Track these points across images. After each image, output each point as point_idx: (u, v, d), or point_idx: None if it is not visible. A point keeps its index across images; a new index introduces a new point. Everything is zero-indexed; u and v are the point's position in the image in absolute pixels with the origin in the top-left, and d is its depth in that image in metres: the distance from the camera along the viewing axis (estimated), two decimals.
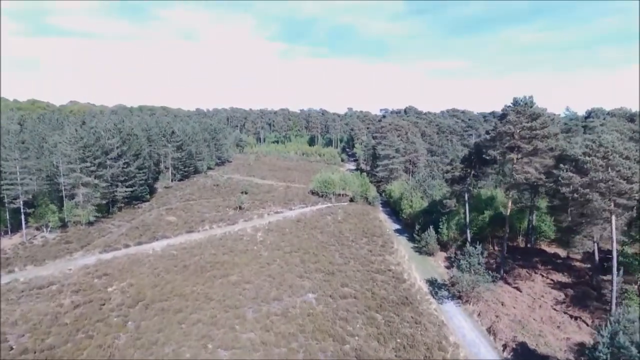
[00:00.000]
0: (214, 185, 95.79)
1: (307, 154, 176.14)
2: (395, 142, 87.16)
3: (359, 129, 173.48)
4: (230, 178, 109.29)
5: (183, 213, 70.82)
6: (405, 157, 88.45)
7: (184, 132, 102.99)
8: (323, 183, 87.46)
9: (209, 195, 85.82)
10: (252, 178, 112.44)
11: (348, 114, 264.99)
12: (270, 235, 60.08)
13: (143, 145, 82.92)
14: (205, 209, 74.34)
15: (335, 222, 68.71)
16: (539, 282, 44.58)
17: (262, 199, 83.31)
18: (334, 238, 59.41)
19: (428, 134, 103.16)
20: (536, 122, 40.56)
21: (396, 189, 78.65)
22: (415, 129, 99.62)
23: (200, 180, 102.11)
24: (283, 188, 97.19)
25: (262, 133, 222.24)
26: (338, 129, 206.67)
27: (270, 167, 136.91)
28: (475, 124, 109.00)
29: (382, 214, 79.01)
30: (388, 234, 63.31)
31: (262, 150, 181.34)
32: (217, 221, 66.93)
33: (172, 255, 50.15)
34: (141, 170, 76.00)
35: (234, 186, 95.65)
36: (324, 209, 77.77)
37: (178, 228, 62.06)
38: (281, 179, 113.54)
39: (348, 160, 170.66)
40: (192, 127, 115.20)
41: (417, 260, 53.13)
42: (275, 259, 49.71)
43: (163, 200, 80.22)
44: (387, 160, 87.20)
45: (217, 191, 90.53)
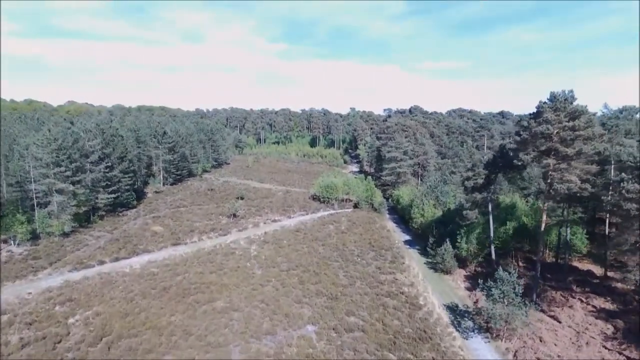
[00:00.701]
0: (208, 190, 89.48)
1: (309, 155, 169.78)
2: (403, 144, 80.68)
3: (362, 130, 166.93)
4: (227, 182, 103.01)
5: (171, 222, 64.44)
6: (414, 159, 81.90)
7: (176, 133, 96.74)
8: (325, 188, 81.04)
9: (201, 201, 79.45)
10: (249, 181, 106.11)
11: (351, 114, 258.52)
12: (266, 248, 53.63)
13: (129, 147, 76.66)
14: (196, 217, 67.96)
15: (338, 232, 62.22)
16: (579, 310, 37.93)
17: (259, 206, 76.90)
18: (338, 252, 52.91)
19: (437, 134, 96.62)
20: (579, 121, 33.97)
21: (405, 195, 72.11)
22: (424, 129, 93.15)
23: (194, 184, 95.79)
24: (282, 193, 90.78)
25: (262, 134, 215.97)
26: (340, 130, 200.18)
27: (270, 169, 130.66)
28: (487, 124, 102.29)
29: (390, 222, 72.45)
30: (397, 247, 56.74)
31: (262, 152, 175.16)
32: (207, 231, 60.52)
33: (151, 274, 43.73)
34: (127, 175, 69.74)
35: (229, 191, 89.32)
36: (326, 217, 71.31)
37: (163, 240, 55.66)
38: (281, 182, 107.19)
39: (351, 162, 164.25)
40: (186, 127, 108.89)
41: (432, 279, 46.56)
42: (270, 279, 43.26)
43: (151, 206, 73.88)
44: (394, 163, 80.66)
45: (210, 196, 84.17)
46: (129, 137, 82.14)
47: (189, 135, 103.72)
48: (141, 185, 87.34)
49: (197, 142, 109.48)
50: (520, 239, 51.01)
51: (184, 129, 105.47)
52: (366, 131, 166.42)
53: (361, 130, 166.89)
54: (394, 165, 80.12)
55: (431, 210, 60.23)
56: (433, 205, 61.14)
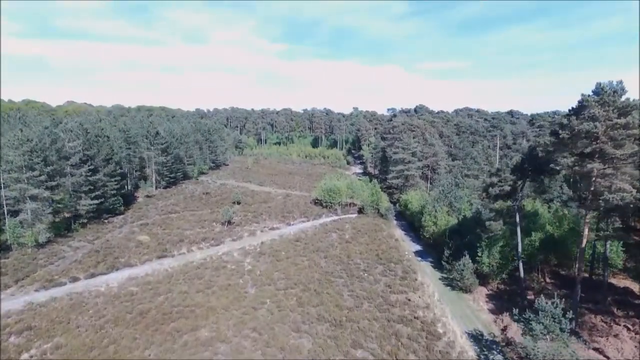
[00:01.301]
0: (203, 194, 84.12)
1: (311, 156, 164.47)
2: (411, 145, 75.04)
3: (366, 130, 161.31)
4: (224, 184, 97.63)
5: (159, 230, 59.06)
6: (423, 161, 76.25)
7: (170, 134, 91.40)
8: (327, 192, 75.51)
9: (195, 206, 74.06)
10: (248, 184, 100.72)
11: (354, 113, 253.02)
12: (262, 261, 48.16)
13: (118, 149, 71.41)
14: (188, 224, 62.56)
15: (342, 241, 56.68)
16: (627, 340, 32.21)
17: (256, 211, 71.45)
18: (341, 265, 47.37)
19: (446, 134, 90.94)
20: (632, 118, 28.28)
21: (414, 200, 66.46)
22: (432, 129, 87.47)
23: (188, 188, 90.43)
24: (282, 197, 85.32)
25: (263, 134, 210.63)
26: (343, 130, 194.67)
27: (270, 171, 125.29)
28: (500, 124, 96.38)
29: (398, 229, 66.80)
30: (408, 259, 51.14)
31: (263, 152, 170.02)
32: (198, 241, 55.09)
33: (129, 294, 38.31)
34: (113, 178, 64.42)
35: (226, 195, 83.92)
36: (328, 224, 65.78)
37: (148, 251, 50.28)
38: (281, 185, 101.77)
39: (354, 163, 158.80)
40: (181, 127, 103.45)
41: (450, 298, 40.92)
42: (265, 300, 37.77)
43: (140, 212, 68.54)
44: (401, 166, 75.01)
45: (205, 201, 78.80)
46: (118, 137, 76.92)
47: (185, 136, 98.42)
48: (132, 189, 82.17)
49: (193, 143, 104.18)
50: (547, 251, 45.27)
51: (179, 129, 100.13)
52: (370, 131, 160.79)
53: (365, 130, 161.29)
54: (401, 168, 74.46)
55: (444, 218, 54.58)
56: (446, 213, 55.48)
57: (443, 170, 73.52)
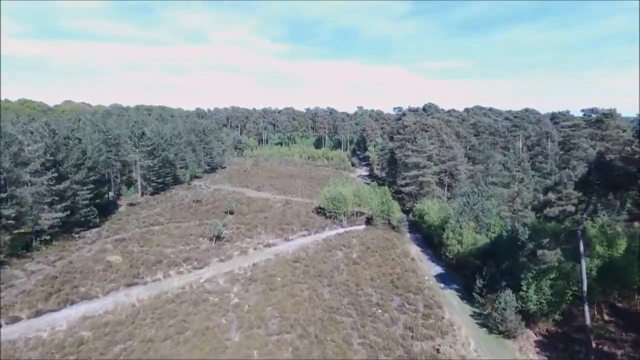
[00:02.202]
0: (193, 201, 75.59)
1: (313, 157, 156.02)
2: (426, 147, 66.15)
3: (372, 130, 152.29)
4: (218, 190, 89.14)
5: (136, 247, 50.65)
6: (439, 166, 67.35)
7: (158, 135, 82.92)
8: (331, 201, 66.80)
9: (182, 217, 65.60)
10: (245, 189, 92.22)
11: (358, 112, 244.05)
12: (252, 291, 39.57)
13: (93, 152, 63.08)
14: (170, 239, 54.10)
15: (348, 262, 48.04)
16: None
17: (251, 223, 62.86)
18: (349, 297, 38.70)
19: (462, 135, 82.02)
20: None
21: (432, 212, 57.58)
22: (448, 129, 78.56)
23: (178, 194, 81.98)
24: (281, 205, 76.71)
25: (264, 134, 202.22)
26: (347, 130, 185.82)
27: (270, 173, 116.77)
28: (523, 123, 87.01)
29: (412, 245, 58.03)
30: (429, 286, 42.41)
31: (264, 153, 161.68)
32: (179, 262, 46.60)
33: (76, 343, 29.82)
34: (85, 186, 56.09)
35: (219, 202, 75.45)
36: (332, 238, 57.13)
37: (116, 277, 41.84)
38: (281, 190, 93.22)
39: (359, 165, 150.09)
40: (172, 128, 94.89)
41: (489, 347, 32.10)
42: (252, 352, 29.18)
43: (119, 225, 60.15)
44: (415, 171, 66.10)
45: (195, 210, 70.31)
46: (97, 139, 68.64)
47: (175, 137, 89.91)
48: (114, 197, 73.95)
49: (185, 145, 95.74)
50: (607, 281, 36.39)
51: (169, 130, 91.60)
52: (376, 131, 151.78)
53: (371, 130, 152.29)
54: (415, 173, 65.53)
55: (471, 236, 45.74)
56: (473, 229, 46.62)
57: (464, 175, 64.65)
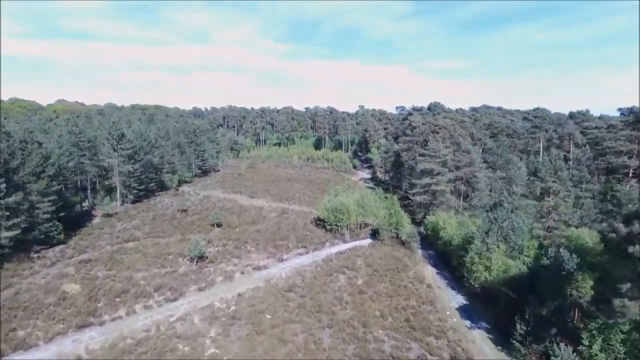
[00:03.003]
0: (178, 211, 67.74)
1: (313, 158, 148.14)
2: (440, 151, 58.24)
3: (374, 130, 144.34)
4: (208, 197, 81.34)
5: (102, 271, 42.83)
6: (454, 172, 59.42)
7: (140, 136, 74.95)
8: (333, 212, 58.98)
9: (163, 230, 57.80)
10: (237, 196, 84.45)
11: (360, 112, 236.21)
12: (234, 335, 31.72)
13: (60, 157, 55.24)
14: (144, 260, 46.28)
15: (353, 290, 40.22)
16: None
17: (240, 238, 55.04)
18: (355, 344, 30.83)
19: (477, 137, 74.01)
20: None
21: (449, 227, 49.71)
22: (462, 130, 70.48)
23: (163, 202, 74.14)
24: (276, 214, 68.91)
25: (262, 134, 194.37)
26: (349, 130, 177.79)
27: (266, 177, 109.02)
28: (544, 124, 78.70)
29: (426, 265, 50.22)
30: (453, 326, 34.56)
31: (261, 155, 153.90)
32: (149, 293, 38.72)
33: None
34: (47, 198, 48.28)
35: (207, 212, 67.66)
36: (333, 258, 49.36)
37: (68, 315, 33.98)
38: (277, 196, 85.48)
39: (361, 167, 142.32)
40: (157, 129, 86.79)
41: None
42: None
43: (88, 241, 52.34)
44: (428, 178, 58.12)
45: (178, 222, 62.47)
46: (67, 141, 60.78)
47: (161, 138, 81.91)
48: (89, 207, 66.16)
49: (173, 147, 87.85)
50: None
51: (154, 131, 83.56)
52: (379, 132, 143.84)
53: (373, 130, 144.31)
54: (428, 182, 57.56)
55: (502, 261, 37.88)
56: (504, 253, 38.72)
57: (483, 184, 56.64)
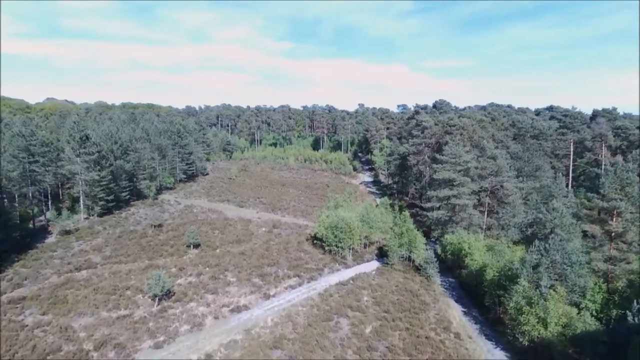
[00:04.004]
0: (151, 226, 57.78)
1: (310, 160, 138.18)
2: (461, 157, 48.34)
3: (376, 130, 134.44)
4: (190, 207, 71.37)
5: (35, 315, 32.94)
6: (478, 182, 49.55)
7: (110, 138, 64.75)
8: (332, 229, 49.17)
9: (128, 252, 47.82)
10: (224, 205, 74.67)
11: (359, 111, 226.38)
12: None
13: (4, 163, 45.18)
14: (94, 297, 36.36)
15: (360, 345, 30.40)
16: None
17: (220, 264, 45.17)
18: None
19: (498, 139, 63.95)
20: None
21: (477, 254, 39.85)
22: (483, 131, 60.23)
23: (136, 215, 64.00)
24: (266, 230, 59.06)
25: (258, 134, 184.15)
26: (348, 130, 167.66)
27: (259, 182, 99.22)
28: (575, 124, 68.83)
29: (449, 300, 40.37)
30: None
31: (256, 156, 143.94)
32: (85, 354, 28.84)
33: None
34: None
35: (184, 227, 57.74)
36: (333, 291, 39.57)
37: None
38: (269, 205, 75.78)
39: (362, 169, 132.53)
40: (132, 129, 76.32)
41: None
42: None
43: (32, 268, 42.37)
44: (447, 190, 48.21)
45: (149, 241, 52.51)
46: (14, 146, 50.68)
47: (136, 140, 71.64)
48: (46, 222, 56.18)
49: (153, 149, 77.70)
50: None
51: (128, 131, 73.22)
52: (382, 132, 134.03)
53: (375, 130, 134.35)
54: (447, 194, 47.60)
55: (561, 310, 28.08)
56: (563, 298, 28.93)
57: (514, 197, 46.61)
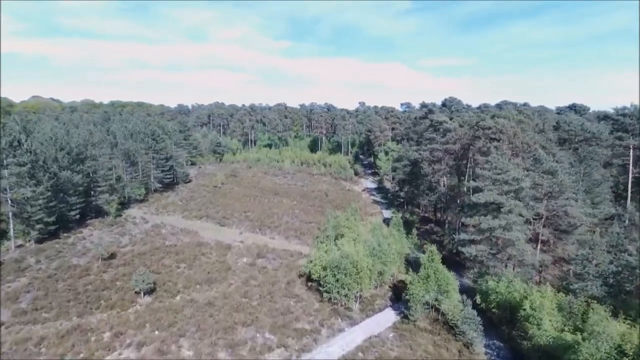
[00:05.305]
0: (99, 259, 44.59)
1: (308, 163, 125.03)
2: (509, 172, 35.25)
3: (381, 131, 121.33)
4: (159, 226, 58.24)
5: None
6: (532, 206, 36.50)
7: (54, 144, 51.40)
8: (333, 271, 36.11)
9: (52, 306, 34.72)
10: (202, 223, 61.74)
11: (361, 109, 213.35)
12: None
13: None
14: None
15: None
16: None
17: (174, 326, 32.10)
18: None
19: (538, 142, 50.72)
20: None
21: (546, 321, 26.86)
22: (522, 134, 47.20)
23: (89, 239, 50.78)
24: (248, 261, 45.98)
25: (252, 134, 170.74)
26: (349, 130, 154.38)
27: (248, 190, 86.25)
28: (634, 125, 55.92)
29: None
30: None
31: (249, 158, 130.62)
32: None
33: None
34: None
35: (144, 258, 44.67)
36: None
37: None
38: (256, 222, 62.91)
39: (364, 173, 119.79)
40: (89, 130, 62.50)
41: None
42: None
43: None
44: (489, 218, 34.92)
45: (90, 281, 39.35)
46: None
47: (93, 145, 58.02)
48: None
49: (119, 155, 64.44)
50: None
51: (84, 133, 59.57)
52: (387, 133, 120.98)
53: (379, 131, 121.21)
54: (492, 224, 34.27)
55: None
56: None
57: (583, 228, 33.61)
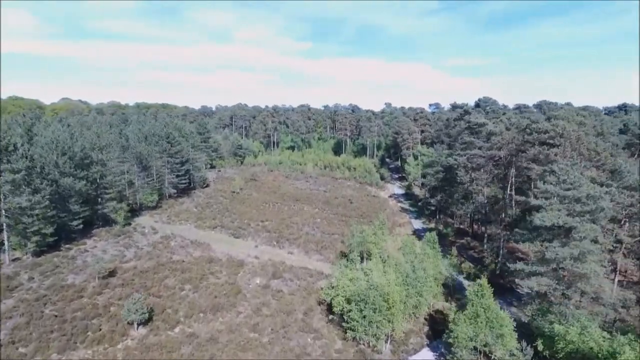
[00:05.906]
0: (97, 277, 39.97)
1: (331, 166, 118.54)
2: (581, 186, 27.80)
3: (409, 133, 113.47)
4: (169, 238, 53.56)
5: None
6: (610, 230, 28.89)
7: (56, 147, 47.47)
8: (359, 305, 29.72)
9: (31, 338, 30.10)
10: (216, 234, 56.80)
11: (387, 110, 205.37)
12: None
13: None
14: None
15: None
16: None
17: None
18: None
19: (590, 148, 42.69)
20: None
21: None
22: (584, 137, 39.36)
23: (91, 251, 46.53)
24: (262, 282, 40.24)
25: (275, 136, 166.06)
26: (374, 132, 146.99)
27: (267, 196, 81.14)
28: None
29: None
30: None
31: (270, 161, 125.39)
32: None
33: None
34: None
35: (145, 278, 39.80)
36: None
37: None
38: (274, 233, 57.51)
39: (391, 178, 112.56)
40: (96, 133, 58.37)
41: None
42: None
43: None
44: (561, 247, 27.46)
45: (79, 307, 34.65)
46: None
47: (100, 150, 53.96)
48: None
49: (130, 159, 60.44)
50: None
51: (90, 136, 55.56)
52: (416, 135, 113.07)
53: (408, 133, 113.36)
54: (558, 254, 26.69)
55: None
56: None
57: None
